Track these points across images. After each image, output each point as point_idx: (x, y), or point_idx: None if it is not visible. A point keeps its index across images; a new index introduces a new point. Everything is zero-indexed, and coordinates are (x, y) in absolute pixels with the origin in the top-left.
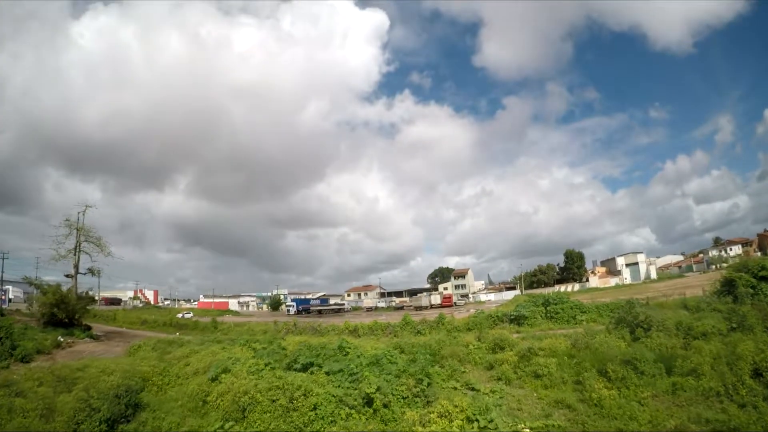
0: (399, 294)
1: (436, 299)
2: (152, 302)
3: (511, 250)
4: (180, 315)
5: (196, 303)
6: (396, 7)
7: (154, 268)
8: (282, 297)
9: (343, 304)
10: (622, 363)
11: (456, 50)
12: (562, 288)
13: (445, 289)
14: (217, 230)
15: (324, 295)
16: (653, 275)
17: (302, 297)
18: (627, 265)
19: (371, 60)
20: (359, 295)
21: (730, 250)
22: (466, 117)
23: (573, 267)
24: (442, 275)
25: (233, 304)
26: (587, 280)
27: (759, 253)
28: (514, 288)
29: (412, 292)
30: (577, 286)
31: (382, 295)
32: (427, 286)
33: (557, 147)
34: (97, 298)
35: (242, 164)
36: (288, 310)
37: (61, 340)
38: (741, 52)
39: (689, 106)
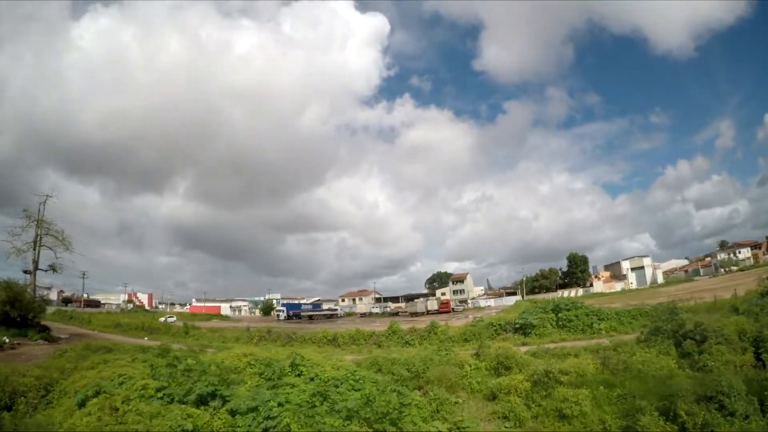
0: (395, 299)
1: (432, 305)
2: (146, 306)
3: (510, 256)
4: (162, 319)
5: (187, 307)
6: (396, 10)
7: (153, 272)
8: (275, 302)
9: (336, 310)
10: (699, 398)
11: (456, 54)
12: (565, 293)
13: (443, 294)
14: (216, 234)
15: (318, 300)
16: (660, 279)
17: (295, 302)
18: (632, 269)
19: (371, 64)
20: (354, 300)
21: (739, 253)
22: (467, 121)
23: (577, 271)
24: (440, 280)
25: (225, 309)
26: (591, 285)
27: None
28: (515, 294)
29: (409, 298)
30: (580, 291)
31: (378, 300)
32: (425, 291)
33: (557, 152)
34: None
35: (242, 168)
36: (278, 316)
37: (6, 340)
38: (742, 56)
39: (690, 111)
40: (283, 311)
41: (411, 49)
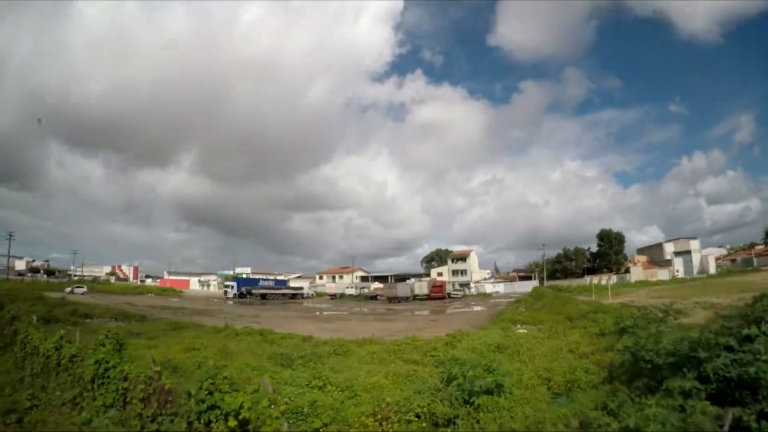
0: (384, 279)
1: (421, 288)
2: (131, 279)
3: (518, 242)
4: (68, 290)
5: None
6: None
7: (160, 247)
8: (246, 276)
9: (302, 289)
10: None
11: (470, 28)
12: (595, 279)
13: (440, 275)
14: (223, 210)
15: (299, 276)
16: (712, 269)
17: (254, 277)
18: (676, 253)
19: (383, 41)
20: (334, 278)
21: None
22: (480, 100)
23: (610, 252)
24: (440, 259)
25: (194, 283)
26: (627, 271)
27: None
28: (530, 278)
29: (400, 278)
30: (614, 278)
31: (365, 279)
32: (422, 271)
33: (571, 138)
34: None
35: (248, 143)
36: (225, 292)
37: None
38: None
39: (710, 102)
40: (233, 287)
41: (425, 26)
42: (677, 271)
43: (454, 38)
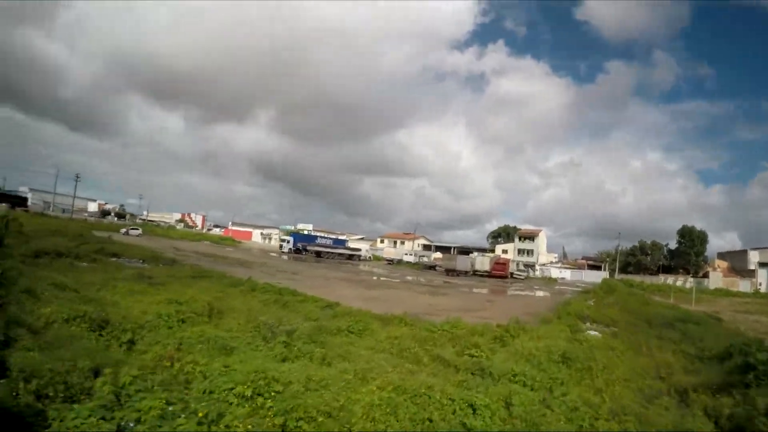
0: (447, 249)
1: (483, 263)
2: (199, 227)
3: (589, 229)
4: (123, 230)
5: (222, 230)
6: None
7: (232, 200)
8: (307, 233)
9: (359, 250)
10: None
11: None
12: (670, 279)
13: (504, 252)
14: (295, 168)
15: (361, 238)
16: None
17: (312, 234)
18: (761, 264)
19: (465, 8)
20: (395, 243)
21: None
22: (563, 77)
23: (690, 252)
24: (507, 236)
25: (256, 236)
26: (705, 276)
27: None
28: (599, 268)
29: (463, 251)
30: (690, 281)
31: (427, 248)
32: (487, 246)
33: (654, 127)
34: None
35: (323, 103)
36: (281, 246)
37: None
38: None
39: None
40: (289, 242)
41: None
42: (760, 284)
43: (540, 9)
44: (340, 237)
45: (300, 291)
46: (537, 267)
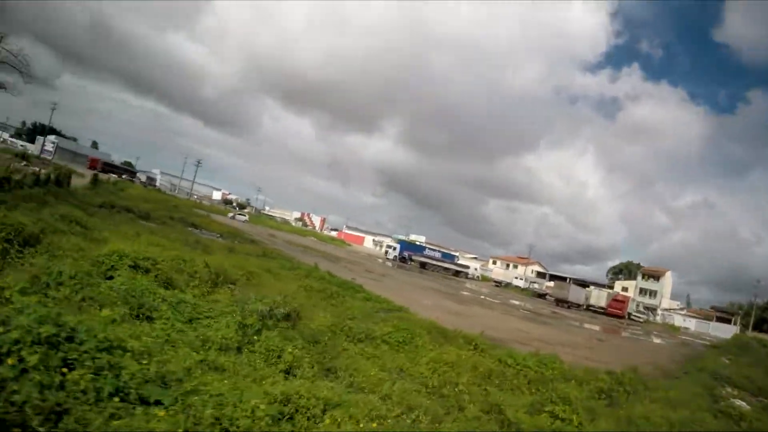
0: (562, 279)
1: (599, 298)
2: (317, 228)
3: (717, 279)
4: (230, 215)
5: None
6: None
7: (352, 205)
8: (416, 243)
9: (468, 267)
10: None
11: (696, 20)
12: None
13: (624, 290)
14: (418, 181)
15: (474, 258)
16: None
17: (418, 244)
18: None
19: (598, 27)
20: (508, 266)
21: None
22: (701, 106)
23: None
24: (629, 273)
25: (368, 241)
26: None
27: None
28: (729, 321)
29: (579, 283)
30: None
31: (541, 275)
32: (605, 282)
33: None
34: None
35: (451, 119)
36: (386, 252)
37: None
38: None
39: None
40: (396, 249)
41: (644, 14)
42: None
43: (676, 29)
44: (451, 252)
45: (368, 290)
46: (659, 311)
